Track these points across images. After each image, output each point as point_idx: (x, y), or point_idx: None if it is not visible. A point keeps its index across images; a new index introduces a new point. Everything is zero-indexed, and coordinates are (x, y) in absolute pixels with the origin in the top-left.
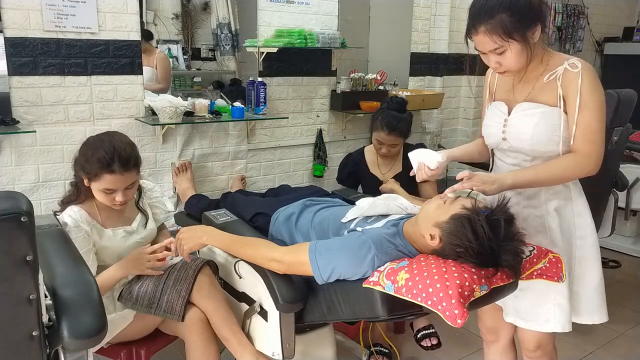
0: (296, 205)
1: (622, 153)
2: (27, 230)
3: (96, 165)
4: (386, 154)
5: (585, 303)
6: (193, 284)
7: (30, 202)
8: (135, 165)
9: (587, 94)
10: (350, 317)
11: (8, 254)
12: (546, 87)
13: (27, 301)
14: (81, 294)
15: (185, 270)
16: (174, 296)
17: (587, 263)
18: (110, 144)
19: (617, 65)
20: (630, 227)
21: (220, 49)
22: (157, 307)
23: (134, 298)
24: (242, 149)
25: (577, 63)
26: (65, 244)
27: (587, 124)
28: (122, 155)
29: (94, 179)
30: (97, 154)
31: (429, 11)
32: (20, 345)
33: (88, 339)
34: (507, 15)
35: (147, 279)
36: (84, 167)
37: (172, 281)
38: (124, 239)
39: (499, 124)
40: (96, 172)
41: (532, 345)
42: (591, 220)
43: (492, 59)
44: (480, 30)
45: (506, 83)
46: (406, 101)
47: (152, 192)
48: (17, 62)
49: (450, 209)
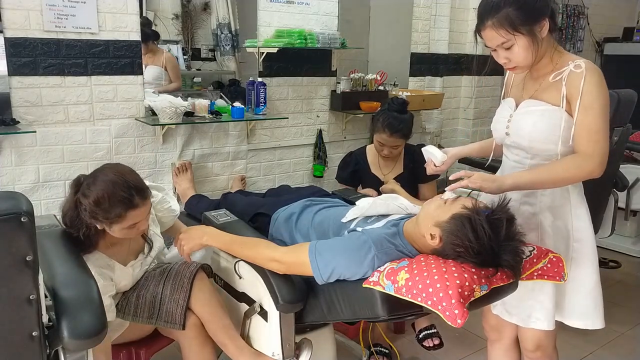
0: (296, 205)
1: (622, 153)
2: (27, 230)
3: (119, 209)
4: (388, 155)
5: (579, 306)
6: (190, 291)
7: (31, 202)
8: (148, 191)
9: (590, 94)
10: (350, 317)
11: (8, 254)
12: (551, 87)
13: (27, 301)
14: (81, 294)
15: (180, 278)
16: (172, 305)
17: (582, 266)
18: (122, 180)
19: (617, 65)
20: (630, 227)
21: (220, 49)
22: (158, 318)
23: (132, 310)
24: (242, 149)
25: (582, 64)
26: (65, 244)
27: (590, 125)
28: (138, 187)
29: (117, 222)
30: (115, 197)
31: (429, 11)
32: (20, 346)
33: (88, 339)
34: (513, 9)
35: (144, 289)
36: (104, 216)
37: (169, 290)
38: (140, 271)
39: (504, 119)
40: (119, 214)
41: (531, 345)
42: (590, 224)
43: (501, 55)
44: (487, 24)
45: (519, 80)
46: (407, 102)
47: (161, 203)
48: (17, 63)
49: (451, 208)
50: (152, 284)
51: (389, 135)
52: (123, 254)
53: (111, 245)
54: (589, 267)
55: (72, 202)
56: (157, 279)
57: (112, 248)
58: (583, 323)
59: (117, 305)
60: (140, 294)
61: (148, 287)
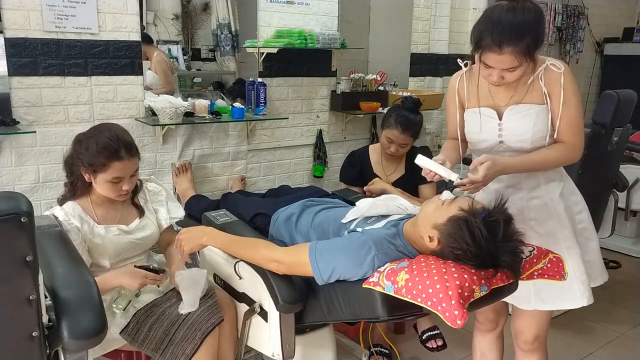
0: (296, 205)
1: (622, 153)
2: (27, 230)
3: (103, 155)
4: (394, 153)
5: (595, 268)
6: (199, 346)
7: (30, 202)
8: (137, 151)
9: (568, 91)
10: (350, 317)
11: (8, 254)
12: (530, 89)
13: (27, 302)
14: (81, 295)
15: (194, 330)
16: (178, 352)
17: (587, 233)
18: (111, 133)
19: (617, 65)
20: (630, 227)
21: (220, 49)
22: (162, 355)
23: (140, 339)
24: (242, 149)
25: (559, 64)
26: (65, 245)
27: (571, 118)
28: (126, 141)
29: (101, 170)
30: (101, 144)
31: (429, 12)
32: (20, 346)
33: (88, 339)
34: (531, 39)
35: (158, 323)
36: (89, 161)
37: (181, 336)
38: (117, 237)
39: (493, 129)
40: (104, 162)
41: (531, 336)
42: (581, 196)
43: (498, 74)
44: (506, 50)
45: (482, 90)
46: (421, 103)
47: (157, 195)
48: (17, 63)
49: (448, 210)
50: (166, 321)
51: (401, 132)
52: (110, 218)
53: (100, 206)
54: (592, 231)
55: (71, 150)
56: (174, 319)
57: (101, 209)
58: (602, 279)
59: (128, 328)
60: (154, 327)
61: (162, 323)
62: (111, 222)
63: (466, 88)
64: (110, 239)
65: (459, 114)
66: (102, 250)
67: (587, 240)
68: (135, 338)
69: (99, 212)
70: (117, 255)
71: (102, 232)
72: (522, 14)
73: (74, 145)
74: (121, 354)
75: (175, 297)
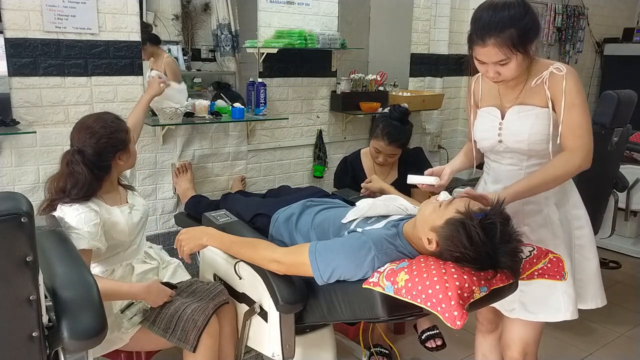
0: (296, 206)
1: (622, 154)
2: (27, 231)
3: (123, 129)
4: (382, 163)
5: (589, 289)
6: (211, 316)
7: (31, 202)
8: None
9: (571, 94)
10: (350, 317)
11: (8, 254)
12: (534, 91)
13: (27, 302)
14: (81, 295)
15: (206, 301)
16: (190, 325)
17: (586, 251)
18: (100, 114)
19: (617, 66)
20: (630, 228)
21: (220, 49)
22: (172, 334)
23: (152, 318)
24: (242, 149)
25: (562, 67)
26: (65, 245)
27: (574, 121)
28: (115, 116)
29: (130, 141)
30: (110, 120)
31: (429, 12)
32: (20, 346)
33: (88, 339)
34: (515, 30)
35: (171, 303)
36: (115, 144)
37: (192, 310)
38: (129, 214)
39: (494, 128)
40: (124, 137)
41: (517, 352)
42: (585, 212)
43: (492, 69)
44: (489, 43)
45: (492, 90)
46: (409, 112)
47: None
48: (17, 63)
49: (446, 212)
50: (179, 300)
51: (387, 143)
52: (115, 200)
53: (105, 192)
54: (591, 250)
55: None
56: (184, 296)
57: (106, 195)
58: (594, 303)
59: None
60: (165, 305)
61: (175, 301)
62: (118, 203)
63: (481, 89)
64: (126, 217)
65: (473, 115)
66: (121, 229)
67: (584, 259)
68: (148, 317)
69: (106, 197)
70: (132, 233)
71: (118, 212)
72: (503, 7)
73: (95, 140)
74: (121, 354)
75: (185, 285)
